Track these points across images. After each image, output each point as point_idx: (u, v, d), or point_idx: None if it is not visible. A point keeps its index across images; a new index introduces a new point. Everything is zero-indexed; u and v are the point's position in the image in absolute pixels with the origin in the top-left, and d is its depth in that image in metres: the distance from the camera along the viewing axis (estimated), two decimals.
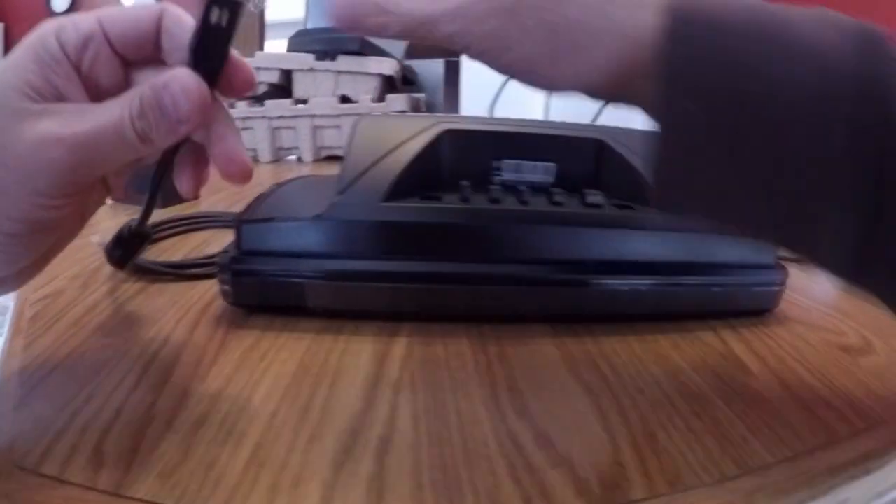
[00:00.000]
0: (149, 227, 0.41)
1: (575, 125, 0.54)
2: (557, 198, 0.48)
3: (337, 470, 0.28)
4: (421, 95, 1.45)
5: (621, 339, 0.45)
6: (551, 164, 0.52)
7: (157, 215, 0.68)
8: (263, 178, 0.97)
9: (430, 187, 0.48)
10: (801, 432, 0.35)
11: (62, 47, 0.30)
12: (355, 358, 0.39)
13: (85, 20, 0.31)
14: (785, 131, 0.27)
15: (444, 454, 0.30)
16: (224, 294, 0.43)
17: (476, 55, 0.32)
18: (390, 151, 0.47)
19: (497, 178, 0.52)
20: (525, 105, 1.10)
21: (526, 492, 0.28)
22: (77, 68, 0.31)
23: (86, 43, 0.31)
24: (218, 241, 0.64)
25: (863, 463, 0.33)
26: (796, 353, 0.45)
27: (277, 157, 1.35)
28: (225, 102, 0.35)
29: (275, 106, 1.30)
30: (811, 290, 0.60)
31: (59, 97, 0.30)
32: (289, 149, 1.36)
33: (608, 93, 0.32)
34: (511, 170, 0.51)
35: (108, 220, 0.69)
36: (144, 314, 0.45)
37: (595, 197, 0.48)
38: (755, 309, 0.51)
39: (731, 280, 0.48)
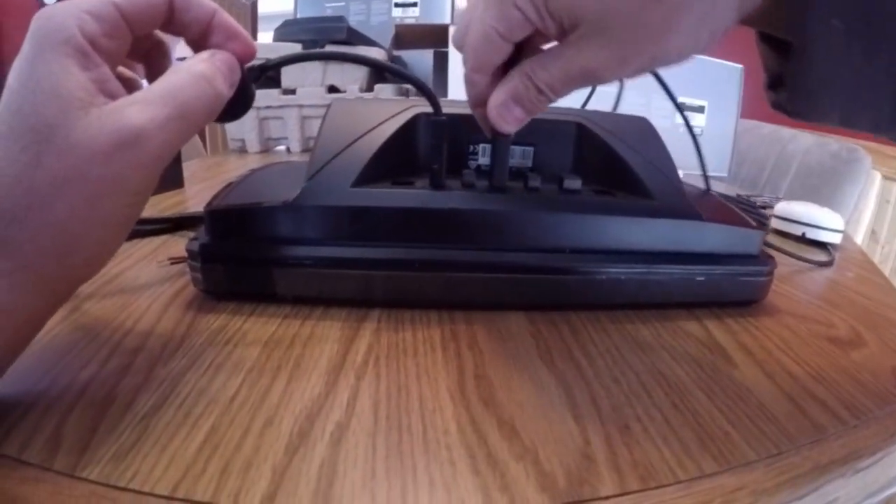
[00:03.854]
0: None
1: (555, 109, 0.53)
2: (533, 183, 0.46)
3: (290, 455, 0.27)
4: (409, 85, 1.43)
5: (600, 328, 0.43)
6: (529, 148, 0.51)
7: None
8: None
9: (404, 172, 0.46)
10: (786, 428, 0.33)
11: (92, 43, 0.28)
12: (321, 343, 0.38)
13: (100, 7, 0.29)
14: None
15: (402, 441, 0.29)
16: (194, 280, 0.43)
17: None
18: (362, 136, 0.46)
19: (473, 163, 0.50)
20: None
21: (485, 484, 0.26)
22: (109, 58, 0.30)
23: (110, 32, 0.30)
24: None
25: (852, 461, 0.31)
26: (784, 345, 0.42)
27: (266, 148, 1.33)
28: None
29: (263, 96, 1.28)
30: (801, 281, 0.58)
31: (109, 93, 0.29)
32: (277, 139, 1.34)
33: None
34: (487, 154, 0.49)
35: None
36: (116, 298, 0.43)
37: (573, 182, 0.46)
38: (742, 299, 0.49)
39: (715, 269, 0.46)
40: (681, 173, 1.02)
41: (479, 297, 0.45)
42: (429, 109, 0.44)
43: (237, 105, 0.35)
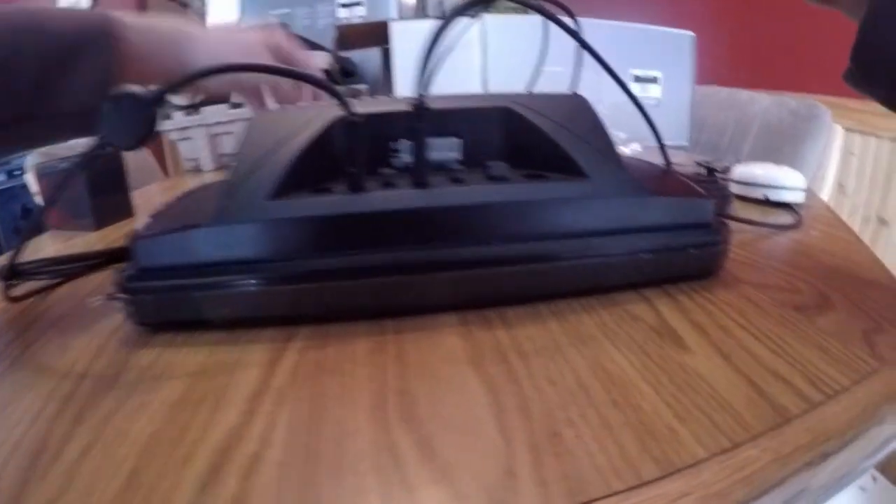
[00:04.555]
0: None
1: (481, 96, 0.50)
2: (457, 175, 0.42)
3: (200, 492, 0.25)
4: (363, 86, 1.40)
5: (539, 323, 0.39)
6: (455, 140, 0.47)
7: (92, 238, 0.71)
8: None
9: (327, 179, 0.43)
10: (742, 416, 0.29)
11: None
12: (245, 369, 0.36)
13: None
14: None
15: (314, 472, 0.27)
16: (128, 314, 0.41)
17: None
18: (279, 146, 0.43)
19: (399, 161, 0.47)
20: (464, 82, 1.05)
21: None
22: None
23: None
24: None
25: (819, 446, 0.27)
26: (742, 319, 0.39)
27: (221, 165, 1.29)
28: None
29: (212, 112, 1.24)
30: (764, 246, 0.54)
31: None
32: (231, 155, 1.29)
33: None
34: (409, 150, 0.45)
35: (49, 246, 0.70)
36: (57, 342, 0.42)
37: (499, 169, 0.42)
38: (696, 273, 0.45)
39: (661, 244, 0.42)
40: (639, 147, 0.99)
41: (407, 302, 0.41)
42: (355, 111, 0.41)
43: (138, 130, 0.35)
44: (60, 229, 0.75)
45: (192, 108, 1.27)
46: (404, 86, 1.13)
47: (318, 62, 1.28)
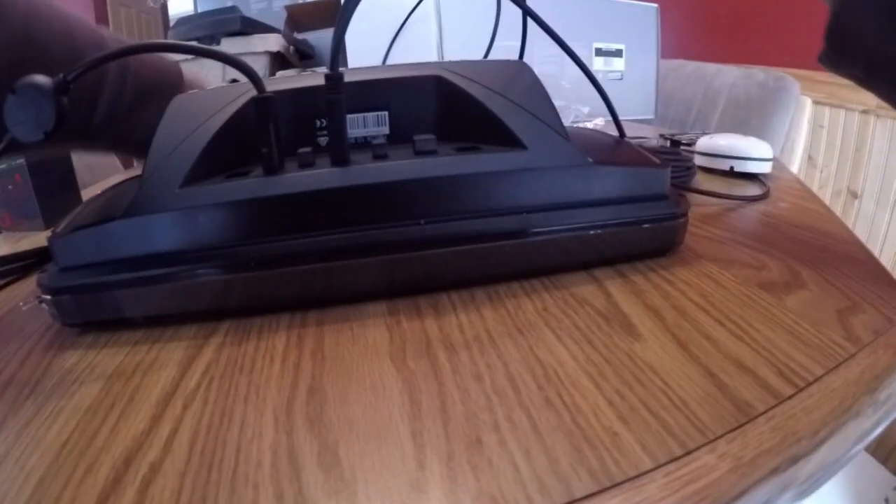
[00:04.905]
0: None
1: (410, 65, 0.46)
2: (381, 150, 0.38)
3: None
4: (321, 69, 1.36)
5: (472, 310, 0.35)
6: (382, 113, 0.43)
7: (42, 238, 0.65)
8: None
9: (245, 162, 0.40)
10: (698, 415, 0.25)
11: None
12: (160, 370, 0.33)
13: None
14: None
15: (210, 482, 0.24)
16: (52, 315, 0.38)
17: None
18: (194, 130, 0.39)
19: (323, 140, 0.43)
20: (420, 57, 1.00)
21: None
22: None
23: None
24: None
25: (788, 447, 0.23)
26: (703, 301, 0.34)
27: None
28: None
29: None
30: (730, 219, 0.50)
31: None
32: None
33: None
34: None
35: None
36: None
37: (426, 143, 0.38)
38: (652, 249, 0.41)
39: (611, 218, 0.38)
40: (601, 121, 0.95)
41: (331, 291, 0.37)
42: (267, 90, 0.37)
43: (45, 123, 0.33)
44: (9, 230, 0.74)
45: None
46: (358, 64, 1.08)
47: (271, 45, 1.25)
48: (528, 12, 0.45)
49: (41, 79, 0.32)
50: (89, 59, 0.33)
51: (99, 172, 1.40)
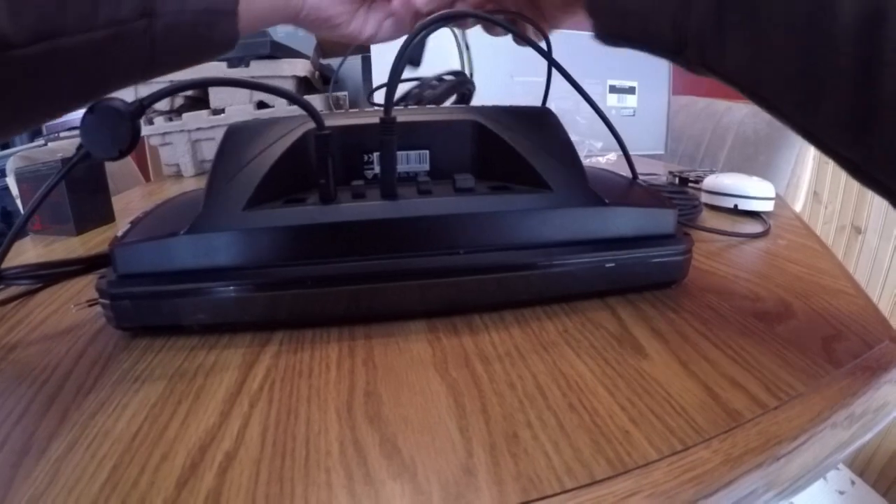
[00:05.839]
0: None
1: (450, 108, 0.50)
2: (425, 186, 0.43)
3: (180, 487, 0.26)
4: (342, 93, 1.41)
5: (502, 329, 0.40)
6: (424, 152, 0.48)
7: (73, 242, 0.72)
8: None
9: (300, 189, 0.44)
10: (696, 420, 0.29)
11: None
12: (221, 372, 0.37)
13: None
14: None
15: (285, 467, 0.27)
16: (108, 319, 0.42)
17: None
18: (255, 157, 0.43)
19: (370, 172, 0.47)
20: None
21: None
22: None
23: None
24: None
25: (771, 448, 0.28)
26: (703, 327, 0.39)
27: (202, 171, 1.29)
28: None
29: (192, 118, 1.25)
30: (731, 255, 0.55)
31: None
32: (211, 161, 1.30)
33: None
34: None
35: (31, 250, 0.71)
36: (39, 345, 0.43)
37: (465, 181, 0.43)
38: (659, 281, 0.46)
39: (625, 254, 0.43)
40: (614, 156, 1.00)
41: (377, 310, 0.42)
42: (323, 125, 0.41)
43: (120, 142, 0.35)
44: (41, 233, 0.76)
45: (174, 114, 1.28)
46: (383, 93, 1.13)
47: (298, 70, 1.29)
48: (552, 63, 0.50)
49: (119, 103, 0.35)
50: (165, 87, 0.37)
51: (120, 181, 1.45)
